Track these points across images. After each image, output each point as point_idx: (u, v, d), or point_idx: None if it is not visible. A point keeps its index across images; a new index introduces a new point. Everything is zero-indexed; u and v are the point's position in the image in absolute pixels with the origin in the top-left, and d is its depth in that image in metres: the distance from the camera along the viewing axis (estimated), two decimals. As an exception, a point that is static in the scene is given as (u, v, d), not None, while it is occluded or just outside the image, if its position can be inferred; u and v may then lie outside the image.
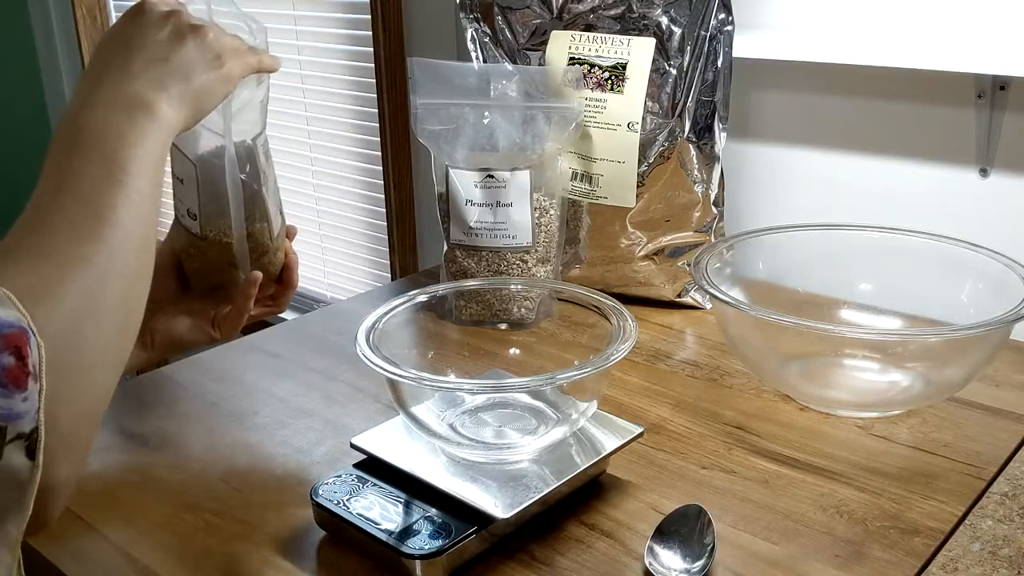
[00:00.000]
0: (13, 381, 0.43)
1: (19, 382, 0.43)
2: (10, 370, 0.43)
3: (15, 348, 0.43)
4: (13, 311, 0.44)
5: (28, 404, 0.44)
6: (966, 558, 0.62)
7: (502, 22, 1.08)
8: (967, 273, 0.85)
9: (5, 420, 0.43)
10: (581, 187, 1.04)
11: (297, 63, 1.90)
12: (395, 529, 0.62)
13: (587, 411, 0.71)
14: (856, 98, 1.06)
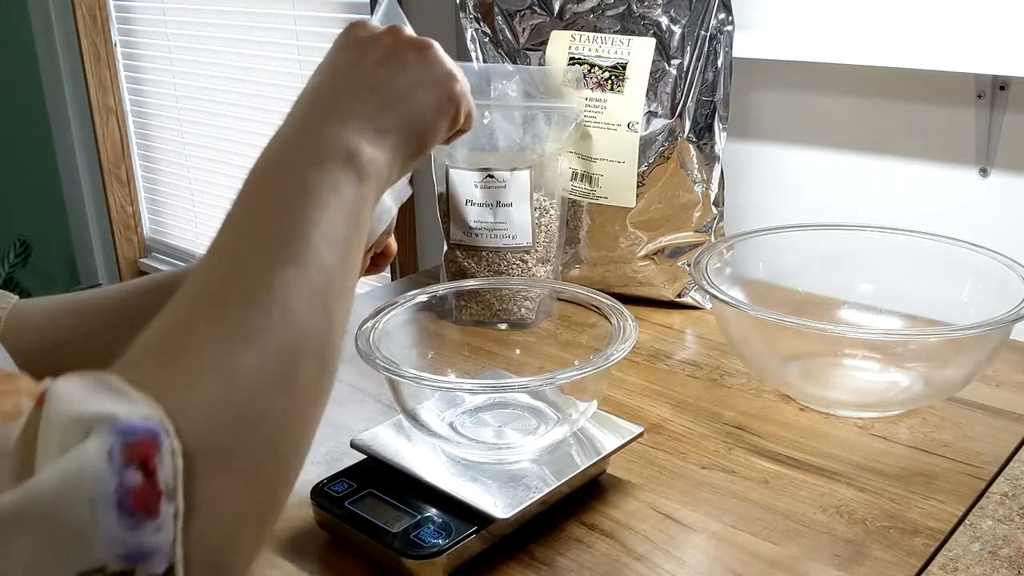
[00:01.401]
0: (142, 506, 0.33)
1: (149, 506, 0.34)
2: (137, 491, 0.33)
3: (142, 461, 0.34)
4: (142, 407, 0.35)
5: (162, 536, 0.34)
6: (966, 558, 0.62)
7: (502, 22, 1.08)
8: (967, 273, 0.85)
9: (133, 561, 0.33)
10: (581, 187, 1.04)
11: (297, 63, 1.90)
12: (395, 529, 0.62)
13: (587, 411, 0.71)
14: (856, 98, 1.06)
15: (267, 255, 0.42)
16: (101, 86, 2.37)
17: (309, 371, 0.42)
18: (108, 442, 0.33)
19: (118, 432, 0.34)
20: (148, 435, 0.34)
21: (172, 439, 0.35)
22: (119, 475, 0.33)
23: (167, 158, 2.38)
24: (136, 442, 0.34)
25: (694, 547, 0.64)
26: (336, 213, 0.45)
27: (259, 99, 2.02)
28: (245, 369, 0.39)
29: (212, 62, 2.11)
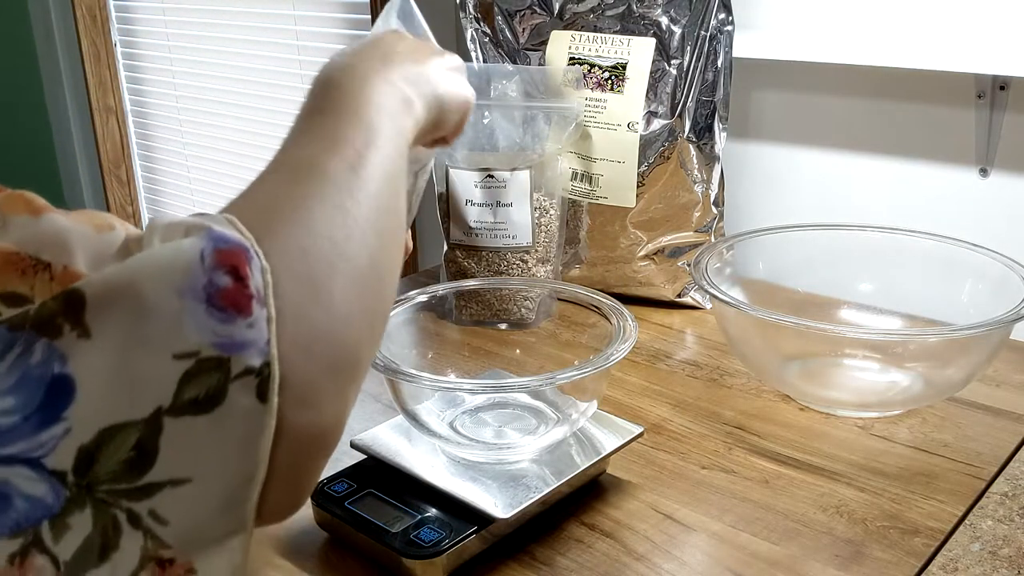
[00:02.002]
0: (233, 304, 0.35)
1: (241, 306, 0.35)
2: (226, 292, 0.35)
3: (231, 267, 0.36)
4: (232, 230, 0.38)
5: (255, 332, 0.36)
6: (966, 558, 0.62)
7: (502, 22, 1.08)
8: (967, 273, 0.85)
9: (227, 350, 0.35)
10: (581, 187, 1.04)
11: (297, 63, 1.90)
12: (395, 529, 0.62)
13: (587, 411, 0.71)
14: (856, 98, 1.06)
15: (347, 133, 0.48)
16: (101, 86, 2.37)
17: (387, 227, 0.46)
18: (202, 244, 0.36)
19: (212, 237, 0.36)
20: (240, 247, 0.37)
21: (262, 259, 0.37)
22: (208, 274, 0.35)
23: (167, 158, 2.38)
24: (228, 250, 0.36)
25: (694, 547, 0.65)
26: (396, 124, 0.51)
27: (259, 99, 2.02)
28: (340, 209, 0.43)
29: (212, 62, 2.11)
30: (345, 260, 0.42)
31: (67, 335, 0.33)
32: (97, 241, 0.37)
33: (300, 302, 0.38)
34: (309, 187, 0.43)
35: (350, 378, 0.42)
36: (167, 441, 0.34)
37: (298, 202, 0.42)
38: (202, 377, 0.35)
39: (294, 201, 0.42)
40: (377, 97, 0.51)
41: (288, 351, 0.37)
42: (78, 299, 0.34)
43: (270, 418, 0.36)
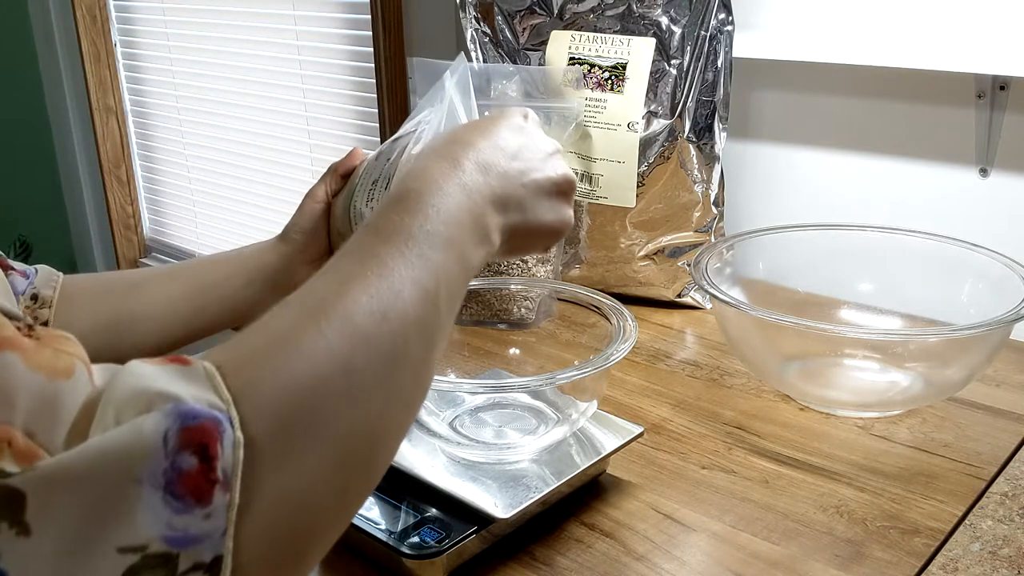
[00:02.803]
0: (193, 491, 0.33)
1: (201, 493, 0.33)
2: (189, 476, 0.33)
3: (199, 447, 0.33)
4: (210, 394, 0.35)
5: (211, 524, 0.33)
6: (966, 558, 0.62)
7: (502, 22, 1.08)
8: (967, 273, 0.85)
9: (178, 545, 0.33)
10: (581, 187, 1.04)
11: (297, 63, 1.90)
12: (395, 529, 0.62)
13: (587, 411, 0.71)
14: (856, 98, 1.06)
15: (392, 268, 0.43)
16: (101, 86, 2.37)
17: (404, 388, 0.42)
18: (166, 423, 0.33)
19: (178, 414, 0.33)
20: (211, 422, 0.34)
21: (237, 430, 0.34)
22: (171, 458, 0.33)
23: (167, 158, 2.38)
24: (196, 427, 0.33)
25: (694, 547, 0.65)
26: (457, 270, 0.46)
27: (259, 99, 2.02)
28: (344, 360, 0.39)
29: (212, 62, 2.11)
30: (338, 427, 0.38)
31: (4, 532, 0.31)
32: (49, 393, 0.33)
33: (273, 480, 0.35)
34: (319, 333, 0.39)
35: (309, 563, 0.39)
36: None
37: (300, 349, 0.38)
38: (145, 574, 0.32)
39: (296, 347, 0.38)
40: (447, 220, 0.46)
41: (247, 540, 0.34)
42: (17, 497, 0.31)
43: None
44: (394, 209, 0.46)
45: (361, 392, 0.39)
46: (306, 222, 0.82)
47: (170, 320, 0.77)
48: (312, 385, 0.37)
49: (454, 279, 0.46)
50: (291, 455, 0.36)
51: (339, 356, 0.39)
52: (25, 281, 0.71)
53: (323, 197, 0.82)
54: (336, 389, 0.38)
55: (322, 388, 0.38)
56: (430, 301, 0.43)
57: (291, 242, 0.81)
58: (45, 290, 0.72)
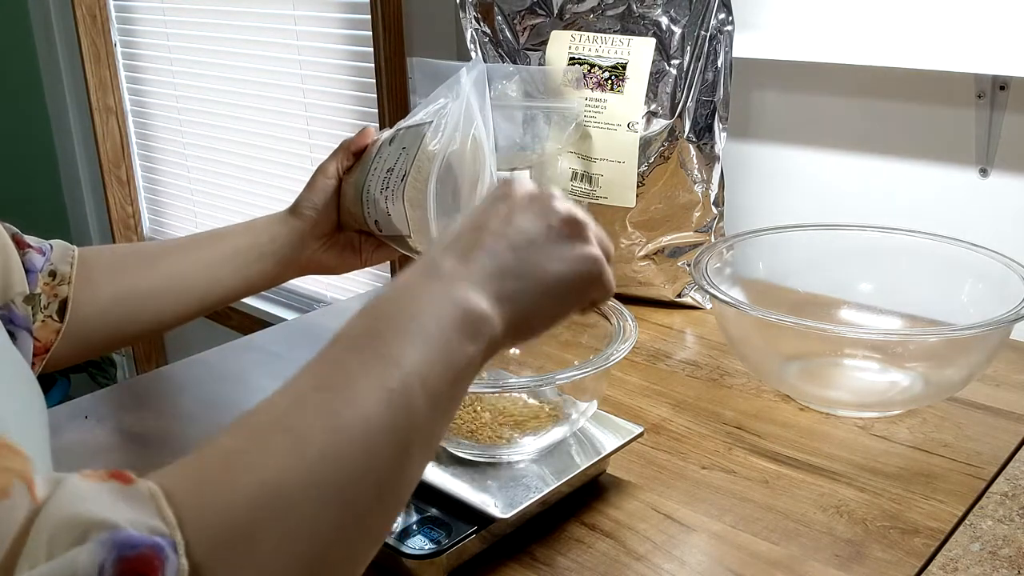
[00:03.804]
0: None
1: None
2: None
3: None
4: (152, 518, 0.33)
5: None
6: (966, 558, 0.62)
7: (502, 22, 1.08)
8: (967, 273, 0.85)
9: None
10: (581, 187, 1.04)
11: (297, 63, 1.90)
12: (395, 529, 0.62)
13: (587, 411, 0.71)
14: (856, 98, 1.06)
15: (358, 375, 0.40)
16: (101, 86, 2.37)
17: (366, 503, 0.38)
18: (101, 555, 0.31)
19: (115, 544, 0.31)
20: (151, 549, 0.31)
21: (181, 557, 0.32)
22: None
23: (167, 158, 2.38)
24: (134, 557, 0.31)
25: (694, 547, 0.64)
26: (440, 363, 0.42)
27: (259, 99, 2.02)
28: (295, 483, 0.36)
29: (212, 62, 2.11)
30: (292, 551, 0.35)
31: None
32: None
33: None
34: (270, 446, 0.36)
35: None
36: None
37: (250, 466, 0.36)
38: None
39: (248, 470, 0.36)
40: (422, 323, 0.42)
41: None
42: None
43: None
44: (360, 315, 0.43)
45: (320, 508, 0.36)
46: (317, 197, 0.82)
47: (185, 292, 0.78)
48: (264, 505, 0.35)
49: (435, 378, 0.41)
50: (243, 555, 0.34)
51: (293, 473, 0.36)
52: (42, 258, 0.72)
53: (334, 173, 0.83)
54: (291, 507, 0.35)
55: (275, 507, 0.35)
56: (398, 405, 0.39)
57: (301, 217, 0.82)
58: (62, 266, 0.73)
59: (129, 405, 0.87)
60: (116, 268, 0.77)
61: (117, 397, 0.94)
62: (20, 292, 0.67)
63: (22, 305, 0.67)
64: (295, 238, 0.82)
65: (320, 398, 0.39)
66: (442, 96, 0.79)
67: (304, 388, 0.40)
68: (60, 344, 0.72)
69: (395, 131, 0.82)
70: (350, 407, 0.38)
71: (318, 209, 0.82)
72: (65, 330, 0.72)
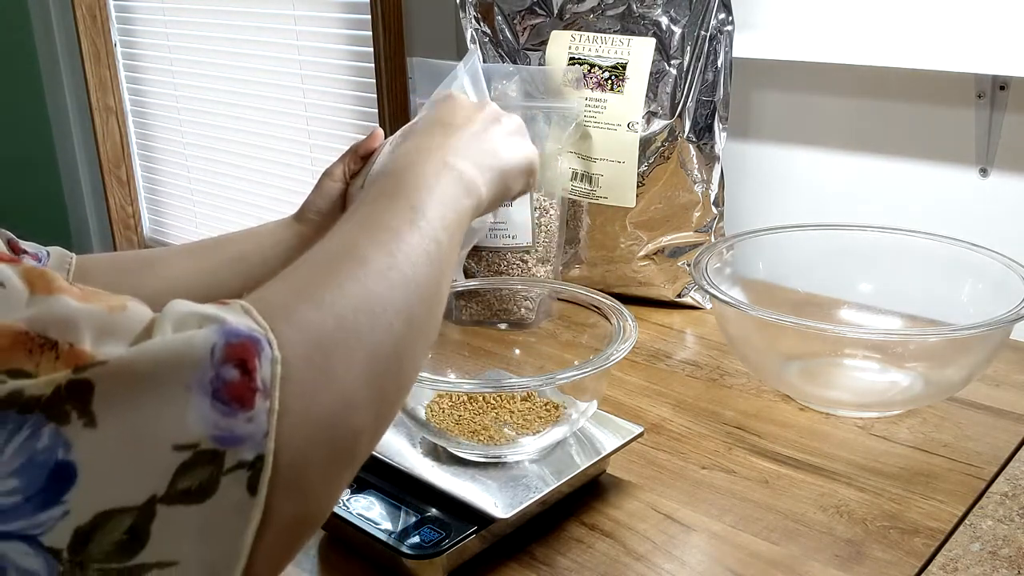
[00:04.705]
0: (236, 398, 0.36)
1: (244, 399, 0.37)
2: (233, 385, 0.36)
3: (240, 361, 0.37)
4: (250, 321, 0.39)
5: (254, 426, 0.37)
6: (966, 558, 0.62)
7: (502, 22, 1.08)
8: (967, 273, 0.85)
9: (224, 444, 0.36)
10: (581, 187, 1.04)
11: (297, 63, 1.90)
12: (395, 529, 0.62)
13: (587, 411, 0.71)
14: (856, 98, 1.06)
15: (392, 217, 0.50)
16: (101, 86, 2.37)
17: (422, 312, 0.47)
18: (214, 338, 0.37)
19: (224, 331, 0.37)
20: (250, 340, 0.38)
21: (275, 349, 0.38)
22: (216, 369, 0.36)
23: (167, 158, 2.38)
24: (238, 343, 0.37)
25: (694, 547, 0.65)
26: (447, 208, 0.53)
27: (259, 99, 2.02)
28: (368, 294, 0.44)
29: (212, 62, 2.11)
30: (365, 348, 0.43)
31: (74, 423, 0.34)
32: (108, 321, 0.37)
33: (310, 391, 0.39)
34: (340, 272, 0.45)
35: (346, 467, 0.42)
36: (158, 527, 0.35)
37: (325, 287, 0.43)
38: (197, 469, 0.36)
39: (322, 285, 0.43)
40: (430, 182, 0.54)
41: (288, 441, 0.38)
42: (87, 387, 0.35)
43: (257, 511, 0.37)
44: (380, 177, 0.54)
45: (382, 317, 0.44)
46: (323, 202, 0.82)
47: (188, 298, 0.77)
48: (339, 313, 0.42)
49: (448, 221, 0.52)
50: (324, 373, 0.40)
51: (360, 289, 0.44)
52: (38, 264, 0.71)
53: (341, 177, 0.83)
54: (361, 315, 0.43)
55: (349, 315, 0.43)
56: (429, 239, 0.50)
57: (307, 221, 0.82)
58: (59, 272, 0.72)
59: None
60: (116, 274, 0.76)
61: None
62: None
63: None
64: (300, 243, 0.81)
65: (370, 234, 0.48)
66: None
67: (354, 228, 0.49)
68: None
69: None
70: (396, 237, 0.48)
71: (323, 213, 0.82)
72: None
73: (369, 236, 0.48)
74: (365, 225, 0.49)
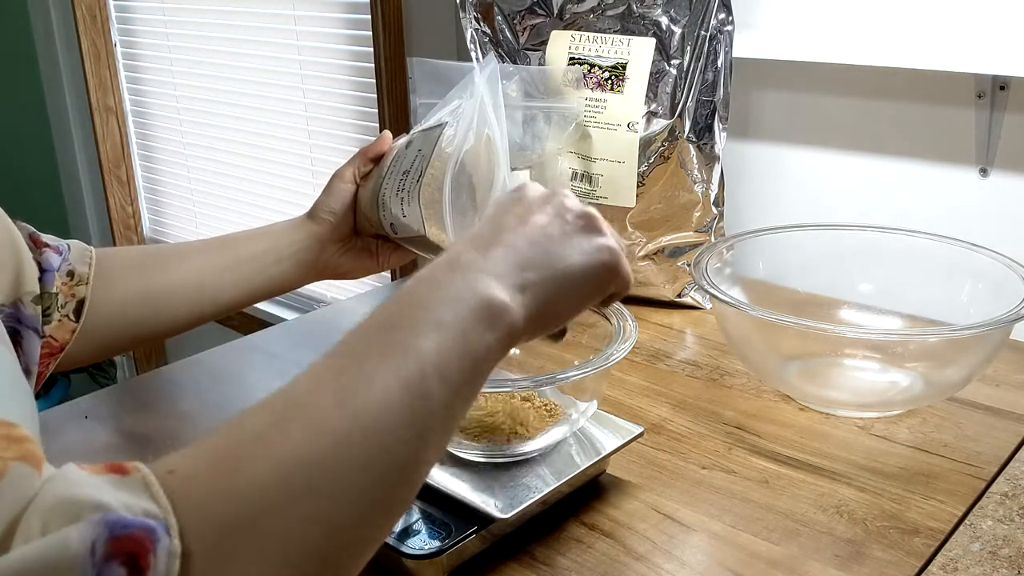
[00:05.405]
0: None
1: None
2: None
3: (129, 556, 0.31)
4: (145, 501, 0.33)
5: None
6: (966, 558, 0.62)
7: (502, 22, 1.08)
8: (967, 273, 0.85)
9: None
10: (581, 187, 1.04)
11: (297, 63, 1.90)
12: (395, 529, 0.62)
13: (587, 411, 0.71)
14: (856, 98, 1.06)
15: (375, 364, 0.40)
16: (101, 86, 2.37)
17: (381, 489, 0.39)
18: (93, 534, 0.31)
19: (107, 523, 0.32)
20: (142, 530, 0.32)
21: (174, 539, 0.32)
22: (98, 568, 0.31)
23: (167, 158, 2.38)
24: (126, 536, 0.32)
25: (694, 547, 0.65)
26: (457, 352, 0.42)
27: (259, 99, 2.02)
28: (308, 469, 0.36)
29: (212, 62, 2.11)
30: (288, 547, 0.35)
31: None
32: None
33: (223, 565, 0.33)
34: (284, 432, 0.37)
35: None
36: None
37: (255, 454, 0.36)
38: None
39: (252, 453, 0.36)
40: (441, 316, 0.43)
41: None
42: None
43: None
44: (381, 307, 0.44)
45: (333, 494, 0.37)
46: (334, 203, 0.83)
47: (201, 294, 0.79)
48: (274, 490, 0.35)
49: (452, 367, 0.42)
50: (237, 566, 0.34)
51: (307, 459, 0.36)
52: (59, 258, 0.72)
53: (351, 178, 0.83)
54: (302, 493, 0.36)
55: (285, 493, 0.35)
56: (415, 393, 0.40)
57: (319, 221, 0.83)
58: (80, 267, 0.73)
59: (129, 405, 0.87)
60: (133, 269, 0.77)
61: (117, 397, 0.94)
62: (30, 292, 0.67)
63: (31, 304, 0.67)
64: (313, 243, 0.82)
65: (338, 385, 0.39)
66: (456, 97, 0.79)
67: (323, 376, 0.40)
68: (76, 344, 0.72)
69: (411, 135, 0.82)
70: (367, 395, 0.39)
71: (336, 214, 0.83)
72: (81, 330, 0.72)
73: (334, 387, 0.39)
74: (337, 371, 0.40)
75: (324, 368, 0.41)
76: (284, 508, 0.35)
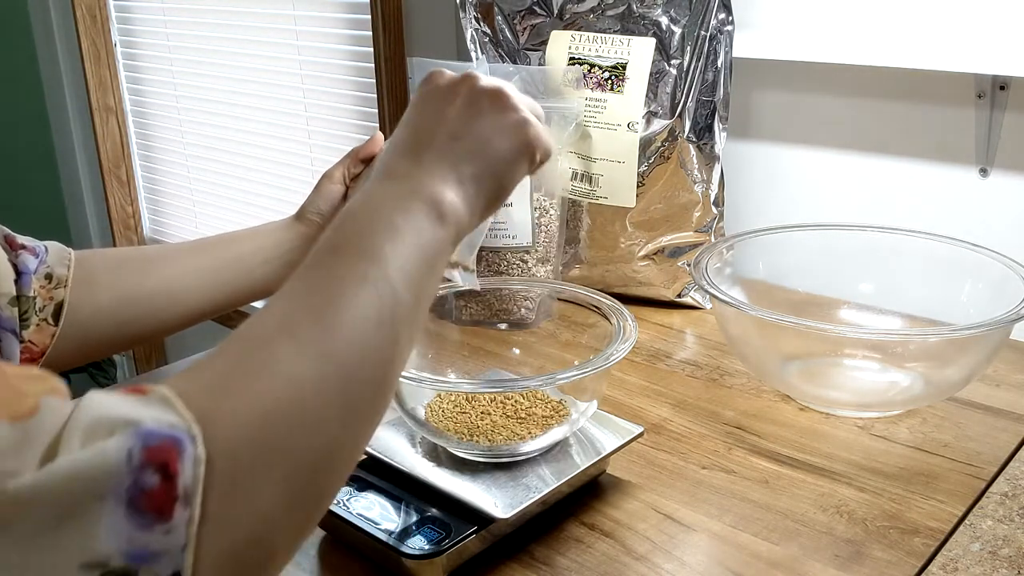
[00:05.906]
0: (155, 508, 0.33)
1: (163, 509, 0.33)
2: (151, 494, 0.33)
3: (160, 465, 0.34)
4: (170, 415, 0.36)
5: (172, 539, 0.34)
6: (966, 558, 0.62)
7: (502, 22, 1.08)
8: (967, 273, 0.85)
9: (138, 560, 0.33)
10: (581, 187, 1.04)
11: (297, 63, 1.90)
12: (395, 529, 0.62)
13: (587, 411, 0.71)
14: (856, 98, 1.06)
15: (343, 277, 0.43)
16: (101, 86, 2.37)
17: (365, 394, 0.42)
18: (129, 444, 0.34)
19: (140, 435, 0.34)
20: (171, 441, 0.34)
21: (198, 447, 0.35)
22: (135, 475, 0.33)
23: (167, 158, 2.38)
24: (157, 446, 0.34)
25: (694, 547, 0.65)
26: (415, 251, 0.46)
27: (259, 99, 2.02)
28: (301, 383, 0.39)
29: (212, 62, 2.11)
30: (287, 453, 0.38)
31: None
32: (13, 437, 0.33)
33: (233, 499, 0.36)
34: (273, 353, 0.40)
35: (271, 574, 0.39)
36: None
37: (255, 373, 0.39)
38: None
39: (250, 372, 0.39)
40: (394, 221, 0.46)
41: (206, 554, 0.35)
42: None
43: None
44: (334, 226, 0.47)
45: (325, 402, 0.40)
46: (323, 203, 0.83)
47: (187, 295, 0.78)
48: (274, 403, 0.38)
49: (412, 267, 0.46)
50: (252, 471, 0.37)
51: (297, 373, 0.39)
52: (36, 260, 0.71)
53: (340, 179, 0.83)
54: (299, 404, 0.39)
55: (284, 405, 0.38)
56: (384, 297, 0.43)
57: (307, 222, 0.82)
58: (59, 268, 0.73)
59: (129, 405, 0.87)
60: (117, 270, 0.76)
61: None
62: (6, 294, 0.67)
63: (7, 307, 0.67)
64: (300, 243, 0.82)
65: (312, 301, 0.42)
66: None
67: (296, 294, 0.43)
68: (59, 347, 0.72)
69: None
70: (341, 306, 0.42)
71: (323, 215, 0.82)
72: (62, 333, 0.72)
73: (308, 305, 0.42)
74: (308, 290, 0.43)
75: (296, 288, 0.44)
76: (284, 418, 0.38)
